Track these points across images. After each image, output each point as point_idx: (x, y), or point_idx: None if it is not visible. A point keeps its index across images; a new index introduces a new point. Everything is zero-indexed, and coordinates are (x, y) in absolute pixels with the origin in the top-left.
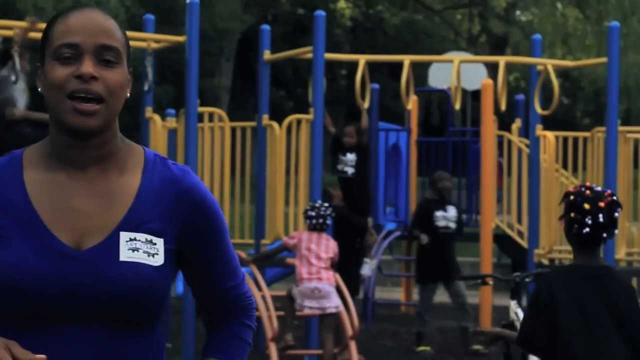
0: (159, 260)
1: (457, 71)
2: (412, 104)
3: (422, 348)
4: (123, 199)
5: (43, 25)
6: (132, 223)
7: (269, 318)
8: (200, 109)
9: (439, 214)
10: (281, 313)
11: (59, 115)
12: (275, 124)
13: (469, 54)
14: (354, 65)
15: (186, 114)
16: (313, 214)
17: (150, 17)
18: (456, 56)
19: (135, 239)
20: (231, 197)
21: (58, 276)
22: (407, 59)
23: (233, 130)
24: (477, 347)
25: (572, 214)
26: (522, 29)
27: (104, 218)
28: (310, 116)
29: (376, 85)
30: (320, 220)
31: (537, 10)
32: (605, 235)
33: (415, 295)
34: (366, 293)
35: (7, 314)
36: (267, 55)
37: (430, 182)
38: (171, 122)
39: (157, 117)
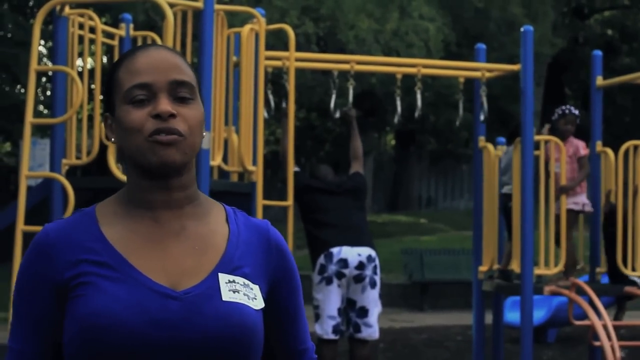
0: (258, 304)
1: None
2: None
3: None
4: (216, 243)
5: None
6: (228, 266)
7: (612, 348)
8: (537, 137)
9: None
10: (624, 343)
11: (139, 156)
12: (609, 151)
13: None
14: None
15: (522, 143)
16: None
17: (482, 46)
18: None
19: (234, 281)
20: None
21: (160, 316)
22: None
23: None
24: None
25: None
26: None
27: (199, 260)
28: None
29: None
30: None
31: None
32: None
33: None
34: None
35: (100, 357)
36: (599, 81)
37: None
38: (502, 151)
39: (490, 146)
